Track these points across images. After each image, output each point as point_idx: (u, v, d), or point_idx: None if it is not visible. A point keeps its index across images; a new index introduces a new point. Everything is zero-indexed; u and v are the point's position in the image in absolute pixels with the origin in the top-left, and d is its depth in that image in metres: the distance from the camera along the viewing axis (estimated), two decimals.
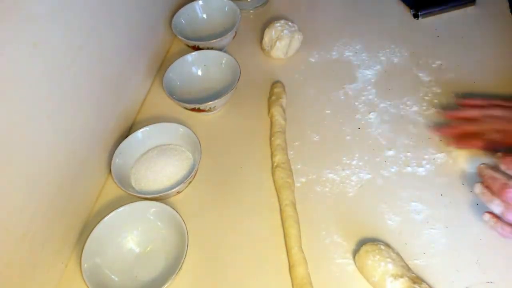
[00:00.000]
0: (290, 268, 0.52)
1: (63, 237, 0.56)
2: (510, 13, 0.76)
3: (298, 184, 0.60)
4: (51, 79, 0.50)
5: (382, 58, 0.75)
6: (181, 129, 0.64)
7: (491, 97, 0.62)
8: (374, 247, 0.50)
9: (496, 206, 0.49)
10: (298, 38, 0.75)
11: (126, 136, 0.65)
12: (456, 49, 0.74)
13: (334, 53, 0.77)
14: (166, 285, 0.49)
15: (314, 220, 0.57)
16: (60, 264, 0.55)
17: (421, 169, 0.60)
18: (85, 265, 0.51)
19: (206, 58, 0.74)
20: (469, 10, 0.80)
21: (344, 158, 0.62)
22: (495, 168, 0.51)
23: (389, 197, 0.58)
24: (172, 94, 0.68)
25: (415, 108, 0.67)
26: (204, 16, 0.83)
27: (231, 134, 0.68)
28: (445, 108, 0.65)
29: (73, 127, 0.55)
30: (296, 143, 0.65)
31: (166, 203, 0.56)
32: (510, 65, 0.70)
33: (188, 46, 0.78)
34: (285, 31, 0.74)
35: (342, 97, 0.70)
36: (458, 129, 0.60)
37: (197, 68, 0.74)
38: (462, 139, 0.59)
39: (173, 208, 0.55)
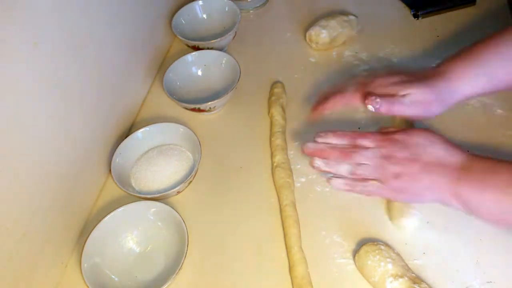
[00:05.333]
0: (290, 267, 0.52)
1: (63, 237, 0.56)
2: (510, 13, 0.76)
3: (298, 184, 0.60)
4: (51, 79, 0.50)
5: (382, 58, 0.75)
6: (181, 129, 0.64)
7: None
8: (374, 247, 0.50)
9: (344, 168, 0.50)
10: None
11: (126, 136, 0.65)
12: (456, 49, 0.73)
13: (334, 53, 0.77)
14: (166, 285, 0.49)
15: (314, 220, 0.57)
16: (60, 264, 0.55)
17: None
18: (85, 265, 0.51)
19: (206, 58, 0.74)
20: (469, 10, 0.80)
21: None
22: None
23: None
24: (172, 94, 0.68)
25: None
26: (204, 16, 0.83)
27: (231, 134, 0.68)
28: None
29: (73, 127, 0.55)
30: (296, 143, 0.65)
31: (166, 203, 0.56)
32: None
33: (188, 46, 0.78)
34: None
35: None
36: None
37: (197, 68, 0.74)
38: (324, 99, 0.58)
39: (173, 208, 0.55)
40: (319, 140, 0.53)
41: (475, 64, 0.52)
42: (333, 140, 0.53)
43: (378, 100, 0.51)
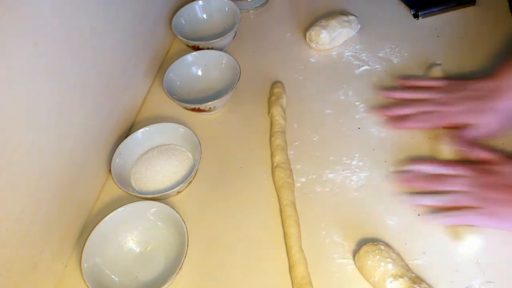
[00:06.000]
0: (290, 268, 0.52)
1: (63, 237, 0.56)
2: (510, 13, 0.76)
3: (298, 184, 0.60)
4: (51, 79, 0.50)
5: (382, 58, 0.75)
6: (181, 129, 0.64)
7: (432, 78, 0.66)
8: (374, 247, 0.50)
9: (443, 199, 0.53)
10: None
11: (126, 136, 0.65)
12: (456, 49, 0.74)
13: (334, 53, 0.77)
14: (166, 285, 0.49)
15: (314, 220, 0.57)
16: (60, 264, 0.55)
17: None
18: (85, 265, 0.51)
19: (206, 58, 0.74)
20: (469, 10, 0.80)
21: (344, 158, 0.62)
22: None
23: (389, 197, 0.58)
24: (172, 94, 0.68)
25: None
26: (204, 16, 0.83)
27: (231, 134, 0.68)
28: (383, 87, 0.68)
29: (73, 127, 0.55)
30: (296, 143, 0.65)
31: (166, 203, 0.56)
32: None
33: (188, 46, 0.78)
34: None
35: (342, 97, 0.70)
36: (393, 111, 0.64)
37: (197, 68, 0.74)
38: (395, 120, 0.63)
39: (173, 208, 0.55)
40: (411, 167, 0.57)
41: None
42: (429, 168, 0.56)
43: (459, 134, 0.57)
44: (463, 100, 0.59)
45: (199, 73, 0.74)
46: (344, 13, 0.79)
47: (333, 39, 0.76)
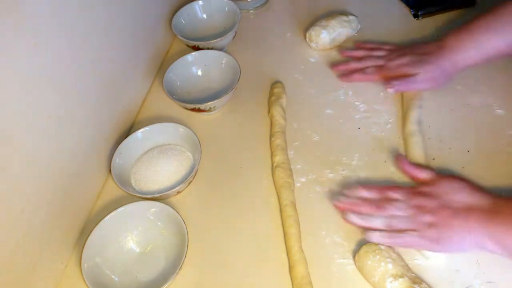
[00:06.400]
0: (290, 267, 0.52)
1: (63, 237, 0.56)
2: None
3: (298, 184, 0.60)
4: (51, 79, 0.50)
5: None
6: (181, 129, 0.64)
7: (383, 43, 0.73)
8: (374, 247, 0.50)
9: (379, 221, 0.51)
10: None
11: (126, 136, 0.65)
12: None
13: (334, 53, 0.77)
14: (166, 285, 0.49)
15: (314, 220, 0.57)
16: (60, 264, 0.55)
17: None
18: (85, 265, 0.51)
19: (206, 58, 0.74)
20: (469, 10, 0.80)
21: (344, 158, 0.62)
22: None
23: None
24: (172, 94, 0.68)
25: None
26: (204, 16, 0.83)
27: (231, 134, 0.68)
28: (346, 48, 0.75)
29: (73, 127, 0.55)
30: (296, 143, 0.65)
31: (166, 203, 0.56)
32: (509, 65, 0.69)
33: (188, 46, 0.78)
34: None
35: (342, 97, 0.70)
36: (346, 66, 0.71)
37: (197, 68, 0.74)
38: (346, 75, 0.70)
39: (173, 208, 0.55)
40: (349, 193, 0.55)
41: (467, 38, 0.61)
42: (363, 193, 0.55)
43: (396, 82, 0.63)
44: (407, 55, 0.66)
45: (199, 73, 0.74)
46: (344, 13, 0.79)
47: (333, 39, 0.76)
